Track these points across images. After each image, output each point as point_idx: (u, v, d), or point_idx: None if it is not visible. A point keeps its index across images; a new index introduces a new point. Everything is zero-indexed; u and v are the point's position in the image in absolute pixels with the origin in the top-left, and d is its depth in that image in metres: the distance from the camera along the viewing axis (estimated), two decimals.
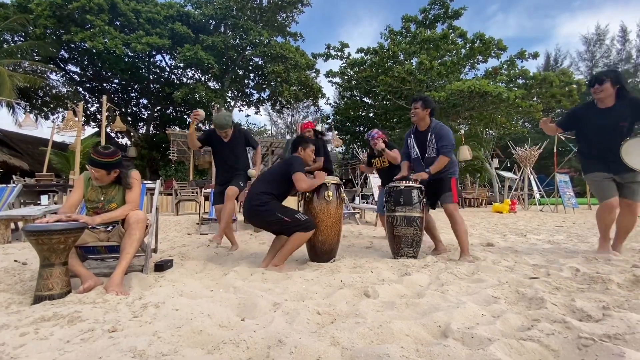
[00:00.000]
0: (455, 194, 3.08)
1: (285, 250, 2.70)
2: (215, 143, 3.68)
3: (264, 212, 2.69)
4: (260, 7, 17.58)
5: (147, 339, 1.28)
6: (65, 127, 9.13)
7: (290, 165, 2.82)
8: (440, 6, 17.04)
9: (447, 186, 3.10)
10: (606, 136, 2.76)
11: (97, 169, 2.24)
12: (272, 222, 2.70)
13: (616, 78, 2.72)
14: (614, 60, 29.62)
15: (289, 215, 2.67)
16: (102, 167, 2.24)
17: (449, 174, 3.12)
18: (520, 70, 16.38)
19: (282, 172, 2.85)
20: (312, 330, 1.40)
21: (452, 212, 3.04)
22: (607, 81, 2.70)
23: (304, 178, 2.77)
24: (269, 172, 2.98)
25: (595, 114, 2.82)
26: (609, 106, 2.75)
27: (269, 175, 2.92)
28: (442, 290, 1.96)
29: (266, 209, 2.68)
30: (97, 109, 19.06)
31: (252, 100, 21.66)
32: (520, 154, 12.81)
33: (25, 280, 2.27)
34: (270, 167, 3.04)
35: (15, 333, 1.37)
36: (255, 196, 2.74)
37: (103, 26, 14.16)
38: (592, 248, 3.39)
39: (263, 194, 2.74)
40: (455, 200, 3.08)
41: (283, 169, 2.87)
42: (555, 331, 1.30)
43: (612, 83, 2.70)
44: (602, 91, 2.72)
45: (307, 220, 2.70)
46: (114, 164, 2.28)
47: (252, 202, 2.73)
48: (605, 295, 1.78)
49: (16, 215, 4.16)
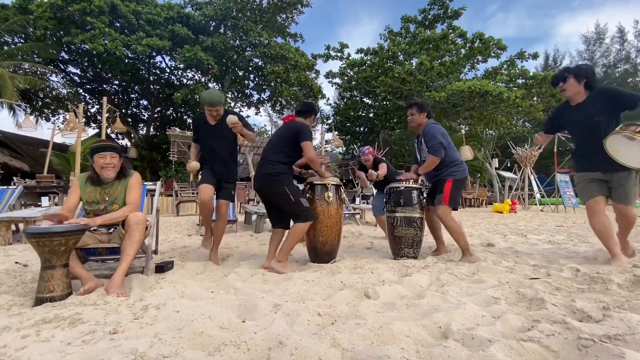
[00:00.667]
0: (446, 196, 2.94)
1: (286, 244, 2.72)
2: (204, 131, 3.10)
3: (275, 182, 2.71)
4: (260, 8, 17.59)
5: (148, 340, 1.28)
6: (66, 128, 9.14)
7: (300, 133, 2.78)
8: (439, 6, 17.06)
9: (440, 187, 2.99)
10: (585, 133, 2.64)
11: (113, 153, 2.35)
12: (279, 194, 2.72)
13: (579, 72, 2.58)
14: (613, 60, 29.63)
15: (296, 195, 2.70)
16: (115, 150, 2.37)
17: (447, 174, 2.99)
18: (520, 70, 16.38)
19: (292, 140, 2.80)
20: (313, 332, 1.40)
21: (441, 216, 2.96)
22: (570, 77, 2.59)
23: (312, 147, 2.78)
24: (279, 139, 2.87)
25: (570, 112, 2.71)
26: (580, 102, 2.63)
27: (279, 142, 2.85)
28: (443, 291, 1.96)
29: (278, 180, 2.71)
30: (98, 110, 19.06)
31: (252, 101, 21.66)
32: (521, 154, 12.80)
33: (26, 282, 2.28)
34: (278, 133, 2.93)
35: (16, 335, 1.37)
36: (270, 165, 2.75)
37: (103, 28, 14.17)
38: (593, 248, 3.39)
39: (278, 164, 2.75)
40: (445, 202, 2.93)
41: (293, 135, 2.80)
42: (556, 332, 1.30)
43: (576, 78, 2.58)
44: (566, 89, 2.63)
45: (308, 209, 2.73)
46: (121, 148, 2.36)
47: (266, 170, 2.75)
48: (606, 295, 1.78)
49: (17, 217, 4.17)
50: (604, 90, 2.58)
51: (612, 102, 2.49)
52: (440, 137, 2.98)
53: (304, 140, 2.75)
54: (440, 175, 3.03)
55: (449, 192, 2.95)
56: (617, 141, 2.39)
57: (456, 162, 3.06)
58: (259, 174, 2.82)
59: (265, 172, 2.75)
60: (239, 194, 9.22)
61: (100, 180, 2.37)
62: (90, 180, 2.37)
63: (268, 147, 2.92)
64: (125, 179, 2.43)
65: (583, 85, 2.59)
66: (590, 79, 2.58)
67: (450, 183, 2.97)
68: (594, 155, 2.58)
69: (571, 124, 2.74)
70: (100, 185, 2.37)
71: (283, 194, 2.69)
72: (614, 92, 2.55)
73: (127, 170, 2.47)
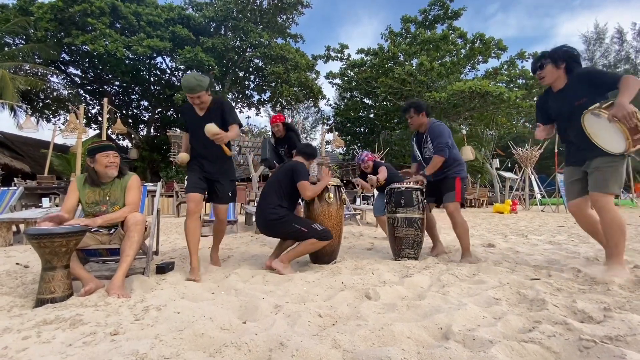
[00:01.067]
0: (458, 193, 3.03)
1: (296, 251, 2.71)
2: (190, 121, 2.72)
3: (281, 225, 2.71)
4: (260, 9, 17.61)
5: (149, 342, 1.28)
6: (67, 129, 9.16)
7: (295, 173, 2.81)
8: (440, 7, 17.08)
9: (450, 185, 3.05)
10: (566, 120, 2.41)
11: (115, 152, 2.40)
12: (290, 232, 2.73)
13: (556, 56, 2.38)
14: (613, 60, 29.59)
15: (306, 226, 2.69)
16: (113, 148, 2.40)
17: (454, 173, 3.07)
18: (520, 70, 16.38)
19: (289, 182, 2.83)
20: (314, 333, 1.40)
21: (453, 213, 3.01)
22: (547, 63, 2.41)
23: (309, 186, 2.77)
24: (277, 182, 2.87)
25: (552, 99, 2.50)
26: (561, 88, 2.42)
27: (278, 186, 2.85)
28: (443, 292, 1.96)
29: (283, 222, 2.70)
30: (98, 111, 19.11)
31: (253, 101, 21.70)
32: (521, 154, 12.79)
33: (27, 284, 2.28)
34: (276, 175, 2.94)
35: (17, 337, 1.37)
36: (271, 210, 2.74)
37: (104, 29, 14.20)
38: (594, 248, 3.39)
39: (279, 207, 2.74)
40: (457, 199, 3.02)
41: (289, 176, 2.84)
42: (557, 333, 1.30)
43: (554, 63, 2.38)
44: (544, 76, 2.44)
45: (324, 230, 2.70)
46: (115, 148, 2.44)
47: (268, 216, 2.74)
48: (607, 296, 1.77)
49: (18, 218, 4.18)
50: (584, 73, 2.35)
51: (593, 83, 2.26)
52: (447, 137, 3.04)
53: (300, 180, 2.76)
54: (448, 173, 3.08)
55: (460, 189, 3.04)
56: (592, 123, 2.17)
57: (459, 160, 3.15)
58: (261, 220, 2.80)
59: (269, 218, 2.74)
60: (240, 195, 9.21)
61: (99, 180, 2.37)
62: (89, 181, 2.36)
63: (268, 186, 2.90)
64: (123, 179, 2.45)
65: (563, 70, 2.39)
66: (569, 62, 2.37)
67: (459, 180, 3.06)
68: (574, 144, 2.40)
69: (554, 111, 2.52)
70: (99, 186, 2.37)
71: (295, 231, 2.69)
72: (593, 73, 2.35)
73: (125, 170, 2.49)
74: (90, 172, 2.37)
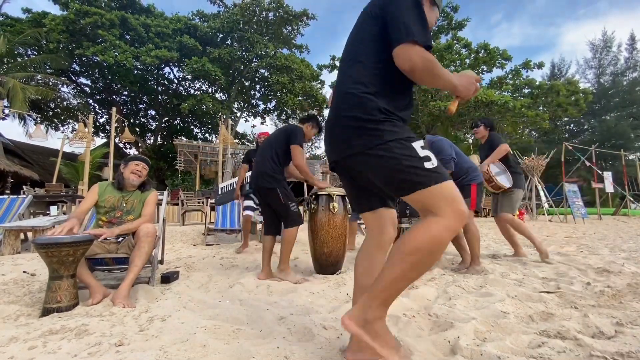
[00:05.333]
0: (473, 201, 3.04)
1: (283, 254, 2.75)
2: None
3: (269, 180, 2.74)
4: (266, 20, 17.92)
5: (154, 354, 1.28)
6: (75, 138, 9.31)
7: (292, 135, 2.81)
8: (444, 17, 17.23)
9: (465, 193, 3.04)
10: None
11: (146, 165, 2.60)
12: (269, 190, 2.75)
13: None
14: (621, 69, 29.46)
15: (286, 198, 2.74)
16: (147, 163, 2.63)
17: (468, 180, 3.10)
18: (526, 79, 16.38)
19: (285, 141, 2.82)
20: (318, 347, 1.39)
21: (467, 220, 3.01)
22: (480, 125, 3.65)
23: (302, 154, 2.79)
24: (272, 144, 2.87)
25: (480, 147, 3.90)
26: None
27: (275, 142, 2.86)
28: (450, 305, 1.94)
29: (272, 179, 2.74)
30: (107, 120, 19.43)
31: (258, 110, 21.93)
32: (527, 164, 12.69)
33: (34, 292, 2.30)
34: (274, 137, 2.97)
35: (24, 346, 1.38)
36: (268, 162, 2.78)
37: (114, 40, 14.54)
38: (604, 260, 3.33)
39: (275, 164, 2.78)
40: (472, 207, 3.04)
41: (285, 137, 2.84)
42: (567, 349, 1.27)
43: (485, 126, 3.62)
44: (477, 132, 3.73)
45: (294, 213, 2.76)
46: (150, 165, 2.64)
47: (264, 168, 2.78)
48: (618, 310, 1.74)
49: (26, 226, 4.22)
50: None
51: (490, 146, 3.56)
52: (449, 150, 3.07)
53: (293, 143, 2.78)
54: (463, 181, 3.09)
55: (475, 196, 3.07)
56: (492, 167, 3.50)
57: (473, 166, 3.19)
58: (257, 170, 2.86)
59: (262, 170, 2.79)
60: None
61: (123, 186, 2.51)
62: (112, 185, 2.51)
63: (266, 145, 2.92)
64: (144, 192, 2.58)
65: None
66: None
67: (475, 187, 3.09)
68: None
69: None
70: (121, 191, 2.50)
71: (274, 194, 2.74)
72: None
73: (148, 185, 2.63)
74: (118, 176, 2.53)
